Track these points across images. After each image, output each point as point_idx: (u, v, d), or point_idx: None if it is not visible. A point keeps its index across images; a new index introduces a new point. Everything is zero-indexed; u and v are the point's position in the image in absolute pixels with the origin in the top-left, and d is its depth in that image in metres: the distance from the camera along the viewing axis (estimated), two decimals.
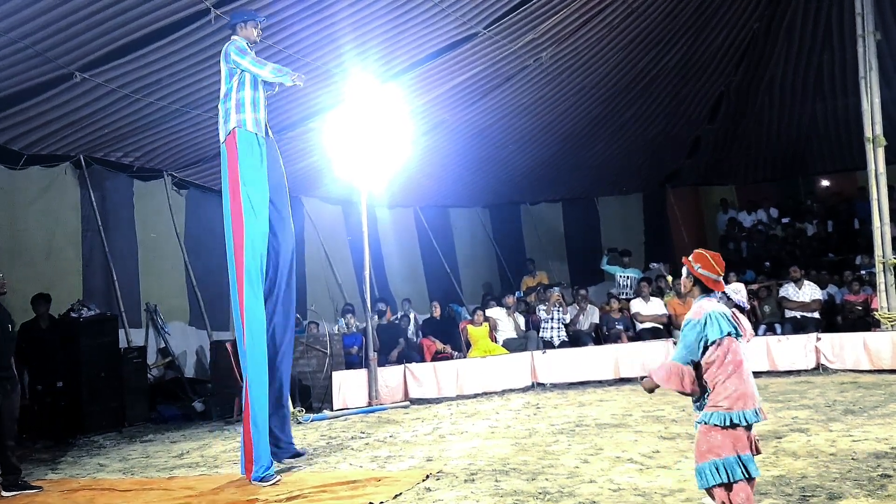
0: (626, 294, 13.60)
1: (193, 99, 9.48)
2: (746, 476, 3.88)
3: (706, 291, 4.16)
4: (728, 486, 3.88)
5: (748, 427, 3.93)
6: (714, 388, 3.97)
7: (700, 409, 4.04)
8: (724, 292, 6.12)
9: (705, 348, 3.98)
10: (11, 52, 7.63)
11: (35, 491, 6.36)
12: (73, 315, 9.44)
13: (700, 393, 4.01)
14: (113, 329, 9.89)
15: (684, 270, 4.24)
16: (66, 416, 9.05)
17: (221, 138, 6.53)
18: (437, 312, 12.62)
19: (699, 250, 4.25)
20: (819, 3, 12.84)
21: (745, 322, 4.19)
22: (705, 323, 3.98)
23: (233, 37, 6.60)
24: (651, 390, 4.23)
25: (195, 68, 8.86)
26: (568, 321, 12.29)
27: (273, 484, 5.99)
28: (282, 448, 6.70)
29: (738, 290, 6.25)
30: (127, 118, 9.54)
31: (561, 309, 12.26)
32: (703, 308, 4.05)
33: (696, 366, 4.01)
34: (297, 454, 6.85)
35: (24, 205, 10.00)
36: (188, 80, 9.06)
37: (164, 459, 7.48)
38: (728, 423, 3.89)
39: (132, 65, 8.45)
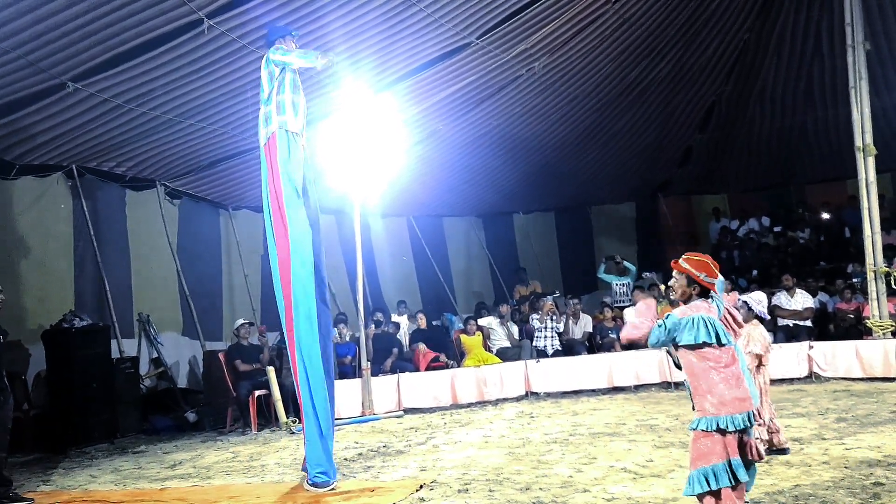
0: (623, 302, 13.61)
1: (186, 109, 9.48)
2: (734, 482, 3.87)
3: (704, 295, 4.15)
4: (716, 494, 3.87)
5: (741, 431, 3.93)
6: (699, 394, 3.97)
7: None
8: (745, 301, 6.18)
9: (676, 347, 4.00)
10: (3, 62, 7.61)
11: (26, 503, 6.32)
12: (65, 325, 9.39)
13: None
14: (105, 339, 9.84)
15: (683, 279, 4.18)
16: (57, 427, 9.00)
17: (261, 141, 6.50)
18: (422, 323, 12.59)
19: (696, 257, 4.19)
20: (809, 14, 12.95)
21: (737, 322, 4.18)
22: (685, 325, 3.98)
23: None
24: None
25: (188, 78, 8.86)
26: (561, 330, 12.30)
27: (330, 490, 5.90)
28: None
29: (760, 301, 6.29)
30: (120, 128, 9.52)
31: (555, 318, 12.28)
32: (692, 309, 4.05)
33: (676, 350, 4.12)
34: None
35: (15, 215, 9.96)
36: (181, 90, 9.05)
37: (156, 470, 7.44)
38: (715, 428, 3.89)
39: (125, 75, 8.44)
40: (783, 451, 6.01)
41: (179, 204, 12.04)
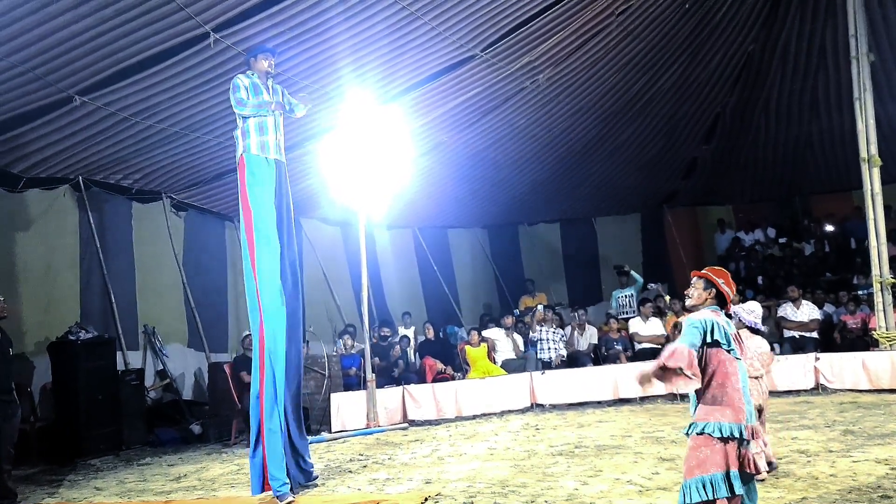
0: (627, 313, 13.57)
1: (192, 122, 9.53)
2: (730, 494, 3.81)
3: (721, 305, 4.15)
4: None
5: (740, 442, 3.89)
6: (706, 398, 3.94)
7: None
8: (734, 311, 6.10)
9: (703, 344, 3.96)
10: (11, 76, 7.68)
11: None
12: (71, 337, 9.41)
13: (700, 385, 3.92)
14: (110, 351, 9.86)
15: (701, 283, 4.19)
16: (63, 439, 9.01)
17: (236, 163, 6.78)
18: (430, 334, 12.60)
19: (717, 268, 4.27)
20: (813, 26, 12.96)
21: (742, 342, 4.19)
22: (713, 325, 3.96)
23: (247, 70, 6.87)
24: (647, 380, 4.03)
25: (194, 91, 8.92)
26: (566, 338, 12.25)
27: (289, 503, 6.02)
28: (304, 472, 6.70)
29: (752, 311, 6.20)
30: (126, 141, 9.58)
31: (549, 328, 12.18)
32: (708, 315, 4.03)
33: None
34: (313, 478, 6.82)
35: (22, 227, 10.01)
36: (187, 103, 9.11)
37: (161, 483, 7.43)
38: (727, 434, 3.84)
39: (131, 88, 8.51)
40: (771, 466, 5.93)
41: (185, 216, 12.08)
